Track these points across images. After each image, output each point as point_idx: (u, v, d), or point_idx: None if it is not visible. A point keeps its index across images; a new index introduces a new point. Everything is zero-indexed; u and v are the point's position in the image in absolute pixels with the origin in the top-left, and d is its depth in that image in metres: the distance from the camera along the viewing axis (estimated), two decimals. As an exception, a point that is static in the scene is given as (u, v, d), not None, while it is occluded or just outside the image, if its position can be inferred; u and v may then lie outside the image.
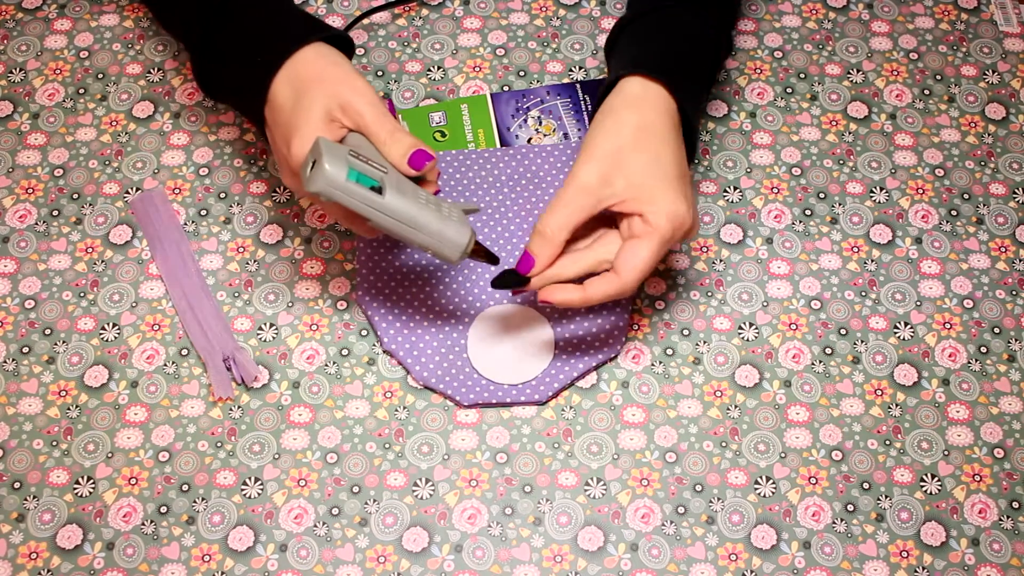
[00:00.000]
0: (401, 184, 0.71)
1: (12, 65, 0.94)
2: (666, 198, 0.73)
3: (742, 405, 0.80)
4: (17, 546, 0.75)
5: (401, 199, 0.70)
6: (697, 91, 0.79)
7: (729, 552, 0.76)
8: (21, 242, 0.86)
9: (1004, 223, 0.88)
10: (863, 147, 0.91)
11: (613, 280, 0.73)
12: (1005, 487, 0.78)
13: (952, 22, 0.97)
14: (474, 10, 0.97)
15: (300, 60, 0.74)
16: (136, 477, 0.77)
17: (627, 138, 0.74)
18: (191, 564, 0.75)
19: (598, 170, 0.73)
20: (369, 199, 0.70)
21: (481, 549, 0.76)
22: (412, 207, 0.71)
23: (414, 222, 0.71)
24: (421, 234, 0.71)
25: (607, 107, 0.76)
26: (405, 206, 0.70)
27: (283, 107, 0.74)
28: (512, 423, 0.80)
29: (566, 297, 0.74)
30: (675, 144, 0.75)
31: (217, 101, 0.82)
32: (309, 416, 0.80)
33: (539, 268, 0.74)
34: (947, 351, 0.83)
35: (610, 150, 0.74)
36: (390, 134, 0.73)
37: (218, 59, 0.78)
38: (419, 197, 0.71)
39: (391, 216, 0.70)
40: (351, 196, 0.69)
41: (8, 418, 0.79)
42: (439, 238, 0.71)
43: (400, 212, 0.70)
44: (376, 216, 0.70)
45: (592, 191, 0.73)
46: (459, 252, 0.72)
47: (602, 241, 0.76)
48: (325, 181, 0.69)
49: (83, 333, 0.82)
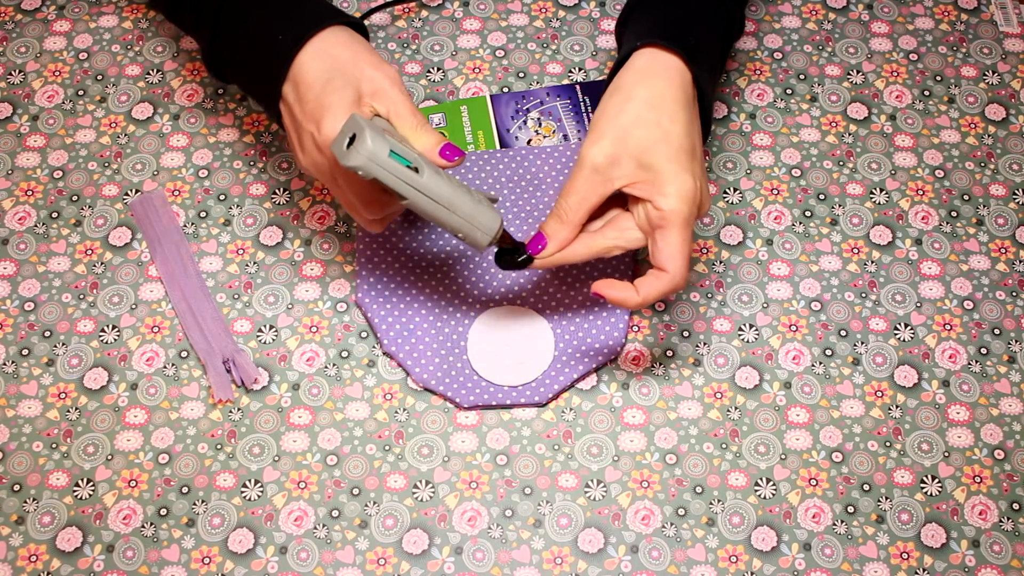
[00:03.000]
0: (434, 168, 0.71)
1: (11, 67, 0.94)
2: (677, 180, 0.71)
3: (742, 407, 0.80)
4: (17, 548, 0.75)
5: (439, 180, 0.70)
6: (712, 64, 0.77)
7: (729, 554, 0.76)
8: (21, 244, 0.86)
9: (1004, 224, 0.88)
10: (863, 148, 0.91)
11: (664, 277, 0.72)
12: (1005, 488, 0.78)
13: (952, 23, 0.97)
14: (474, 11, 0.97)
15: (330, 39, 0.73)
16: (136, 479, 0.77)
17: (634, 115, 0.72)
18: (191, 566, 0.75)
19: (606, 149, 0.72)
20: (409, 177, 0.69)
21: (481, 551, 0.76)
22: (449, 189, 0.70)
23: (451, 204, 0.70)
24: (456, 217, 0.70)
25: (617, 82, 0.74)
26: (443, 187, 0.70)
27: (313, 84, 0.73)
28: (512, 425, 0.80)
29: (622, 296, 0.72)
30: (686, 117, 0.73)
31: (225, 81, 0.81)
32: (309, 418, 0.80)
33: (552, 250, 0.74)
34: (947, 352, 0.83)
35: (618, 128, 0.72)
36: (420, 124, 0.72)
37: (232, 36, 0.76)
38: (453, 181, 0.71)
39: (429, 196, 0.70)
40: (392, 172, 0.68)
41: (8, 420, 0.79)
42: (474, 221, 0.71)
43: (438, 192, 0.70)
44: (414, 195, 0.69)
45: (601, 171, 0.72)
46: (489, 237, 0.72)
47: (613, 225, 0.74)
48: (368, 155, 0.67)
49: (83, 335, 0.82)
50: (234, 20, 0.76)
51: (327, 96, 0.72)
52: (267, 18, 0.75)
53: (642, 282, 0.72)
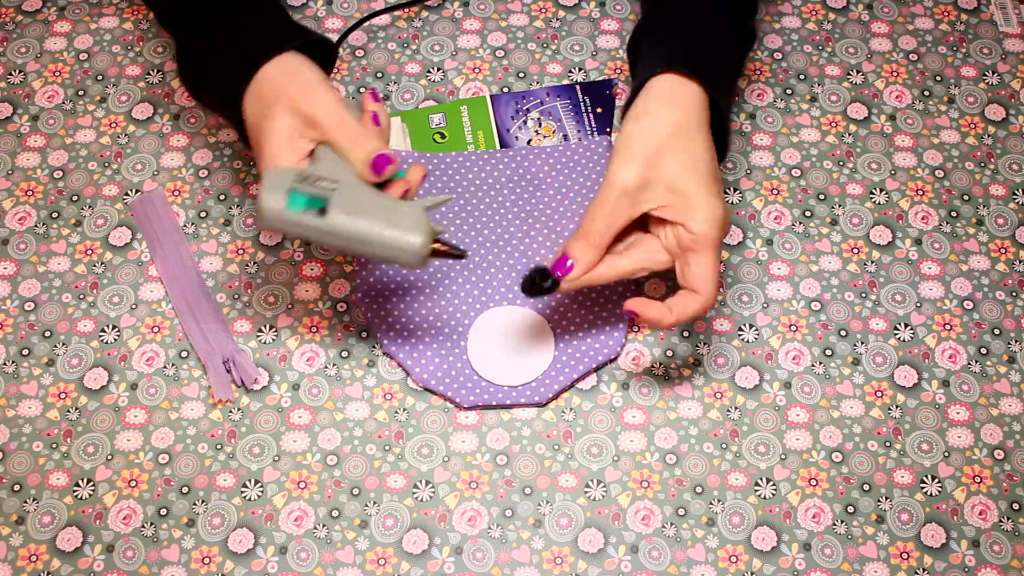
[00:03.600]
0: (355, 196, 0.70)
1: (11, 67, 0.94)
2: (707, 204, 0.72)
3: (742, 407, 0.80)
4: (17, 548, 0.75)
5: (345, 216, 0.69)
6: (728, 84, 0.79)
7: (729, 554, 0.76)
8: (21, 244, 0.86)
9: (1004, 224, 0.88)
10: (863, 148, 0.91)
11: (697, 298, 0.73)
12: (1005, 488, 0.78)
13: (952, 23, 0.97)
14: (474, 12, 0.97)
15: (262, 78, 0.73)
16: (136, 479, 0.77)
17: (664, 138, 0.73)
18: (191, 566, 0.75)
19: (636, 172, 0.72)
20: (311, 223, 0.69)
21: (481, 551, 0.76)
22: (358, 222, 0.69)
23: (360, 237, 0.70)
24: (372, 248, 0.70)
25: (642, 107, 0.75)
26: (350, 223, 0.69)
27: (252, 128, 0.74)
28: (512, 425, 0.80)
29: (657, 315, 0.73)
30: (708, 142, 0.74)
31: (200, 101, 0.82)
32: (309, 418, 0.80)
33: (578, 273, 0.74)
34: (947, 352, 0.83)
35: (648, 151, 0.73)
36: (353, 141, 0.72)
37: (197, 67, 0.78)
38: (369, 208, 0.70)
39: (336, 236, 0.70)
40: (292, 226, 0.70)
41: (8, 420, 0.79)
42: (392, 247, 0.70)
43: (344, 230, 0.69)
44: (321, 239, 0.70)
45: (631, 193, 0.73)
46: (416, 257, 0.70)
47: (638, 247, 0.75)
48: (263, 216, 0.70)
49: (83, 335, 0.82)
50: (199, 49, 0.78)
51: (261, 139, 0.73)
52: (219, 59, 0.76)
53: (675, 302, 0.73)
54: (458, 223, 0.86)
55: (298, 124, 0.72)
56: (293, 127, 0.72)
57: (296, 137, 0.72)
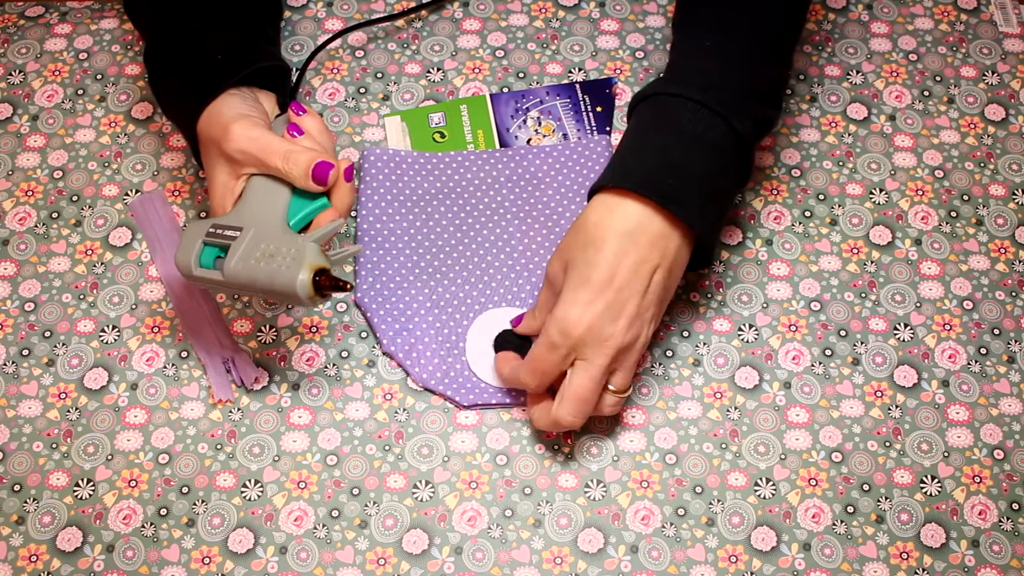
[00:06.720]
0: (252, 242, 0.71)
1: (11, 67, 0.94)
2: (564, 301, 0.72)
3: (742, 407, 0.80)
4: (17, 549, 0.75)
5: (238, 264, 0.71)
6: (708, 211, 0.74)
7: (729, 554, 0.76)
8: (21, 244, 0.86)
9: (1004, 224, 0.88)
10: (862, 148, 0.91)
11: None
12: (1005, 488, 0.78)
13: (952, 23, 0.97)
14: (473, 12, 0.97)
15: (200, 128, 0.75)
16: (136, 479, 0.77)
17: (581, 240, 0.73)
18: (191, 566, 0.75)
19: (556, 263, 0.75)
20: (214, 280, 0.72)
21: (481, 551, 0.76)
22: (250, 271, 0.71)
23: (253, 285, 0.71)
24: (265, 292, 0.71)
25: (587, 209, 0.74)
26: (243, 271, 0.71)
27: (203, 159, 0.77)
28: (512, 425, 0.80)
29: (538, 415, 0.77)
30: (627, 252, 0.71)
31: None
32: (309, 418, 0.80)
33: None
34: (947, 352, 0.83)
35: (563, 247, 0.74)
36: (284, 160, 0.73)
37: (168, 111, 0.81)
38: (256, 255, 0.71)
39: (235, 285, 0.72)
40: (202, 282, 0.73)
41: (8, 420, 0.79)
42: (280, 292, 0.70)
43: (239, 278, 0.71)
44: (225, 287, 0.72)
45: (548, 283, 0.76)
46: (303, 297, 0.70)
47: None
48: (180, 270, 0.73)
49: (83, 335, 0.82)
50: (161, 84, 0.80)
51: (208, 179, 0.76)
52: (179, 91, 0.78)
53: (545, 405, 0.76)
54: (458, 223, 0.86)
55: (234, 164, 0.74)
56: (228, 172, 0.75)
57: (232, 180, 0.75)
